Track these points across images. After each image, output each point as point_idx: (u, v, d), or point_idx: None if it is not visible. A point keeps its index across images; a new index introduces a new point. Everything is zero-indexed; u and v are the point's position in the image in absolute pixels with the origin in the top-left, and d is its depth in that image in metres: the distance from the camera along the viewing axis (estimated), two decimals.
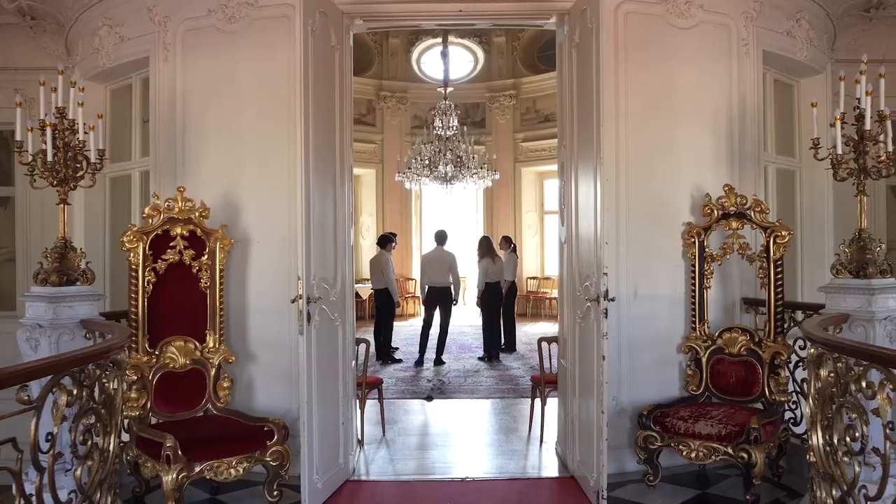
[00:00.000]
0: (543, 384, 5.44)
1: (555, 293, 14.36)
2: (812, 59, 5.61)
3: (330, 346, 4.23)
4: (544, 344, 5.50)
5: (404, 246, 14.85)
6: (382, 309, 9.34)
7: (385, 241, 9.54)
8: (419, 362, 9.00)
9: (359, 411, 5.27)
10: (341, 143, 4.50)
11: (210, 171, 4.77)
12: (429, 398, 7.03)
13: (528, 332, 12.09)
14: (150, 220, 4.21)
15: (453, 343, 10.69)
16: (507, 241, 10.34)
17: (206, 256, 4.34)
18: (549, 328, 12.74)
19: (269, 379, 4.67)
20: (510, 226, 14.46)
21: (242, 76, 4.74)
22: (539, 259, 15.11)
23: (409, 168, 11.48)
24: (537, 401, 5.57)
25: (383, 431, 5.68)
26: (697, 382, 4.56)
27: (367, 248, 14.07)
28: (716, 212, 4.57)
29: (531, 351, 9.94)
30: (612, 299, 3.83)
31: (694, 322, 4.62)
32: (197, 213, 4.33)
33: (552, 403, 5.37)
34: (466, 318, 13.58)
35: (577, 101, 4.40)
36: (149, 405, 4.10)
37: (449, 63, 11.58)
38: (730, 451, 3.93)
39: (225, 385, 4.33)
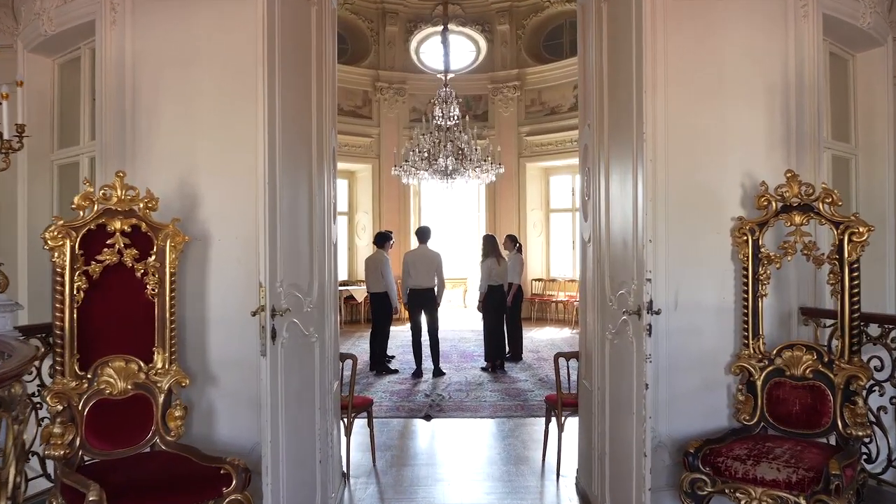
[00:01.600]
0: (560, 407, 4.65)
1: (562, 296, 13.58)
2: (874, 28, 4.82)
3: (304, 368, 3.44)
4: (562, 360, 4.70)
5: (402, 246, 14.05)
6: (378, 314, 8.55)
7: (383, 239, 8.74)
8: (417, 373, 8.21)
9: (344, 439, 4.50)
10: (320, 121, 3.71)
11: (164, 155, 3.97)
12: (427, 417, 6.24)
13: (535, 338, 11.31)
14: (81, 213, 3.41)
15: (453, 350, 9.91)
16: (512, 241, 9.56)
17: (153, 257, 3.53)
18: (556, 334, 11.96)
19: (234, 405, 3.87)
20: (514, 224, 13.68)
21: (202, 42, 3.95)
22: (544, 260, 14.33)
23: (407, 161, 10.65)
24: (552, 425, 4.78)
25: (373, 460, 4.90)
26: (751, 410, 3.76)
27: (364, 247, 13.30)
28: (774, 204, 3.77)
29: (539, 360, 9.16)
30: (658, 312, 3.04)
31: (746, 337, 3.82)
32: (142, 204, 3.53)
33: (570, 427, 4.58)
34: (468, 322, 12.79)
35: (607, 68, 3.62)
36: (78, 441, 3.30)
37: (449, 47, 10.78)
38: (802, 501, 3.14)
39: (177, 414, 3.53)
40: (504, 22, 14.03)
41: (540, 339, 11.38)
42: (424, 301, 8.21)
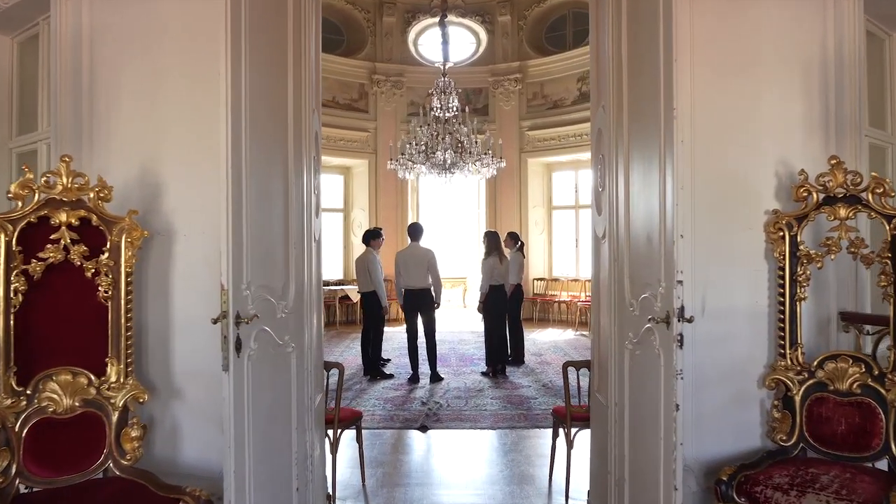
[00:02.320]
0: (570, 422, 4.19)
1: (564, 296, 13.12)
2: None
3: (277, 383, 2.99)
4: (571, 370, 4.24)
5: (400, 244, 13.58)
6: (370, 315, 8.11)
7: (370, 236, 8.29)
8: (413, 378, 7.76)
9: (329, 457, 4.05)
10: (298, 102, 3.26)
11: (124, 140, 3.50)
12: (422, 428, 5.79)
13: (536, 339, 10.86)
14: (20, 203, 2.95)
15: (452, 353, 9.46)
16: (514, 239, 9.10)
17: (106, 254, 3.08)
18: (559, 335, 11.51)
19: (202, 422, 3.40)
20: (515, 222, 13.21)
21: (168, 17, 3.48)
22: (546, 259, 13.88)
23: (403, 154, 10.14)
24: (560, 440, 4.34)
25: (363, 479, 4.44)
26: (788, 429, 3.31)
27: (360, 246, 12.81)
28: (815, 195, 3.32)
29: (542, 364, 8.71)
30: (690, 320, 2.58)
31: (782, 346, 3.37)
32: (92, 194, 3.07)
33: (580, 442, 4.14)
34: (467, 323, 12.34)
35: (627, 43, 3.17)
36: (14, 468, 2.85)
37: (448, 34, 10.28)
38: None
39: (133, 434, 3.08)
40: (505, 13, 13.57)
41: (542, 341, 10.93)
42: (420, 302, 7.76)
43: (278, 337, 2.94)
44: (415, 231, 8.01)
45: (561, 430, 4.37)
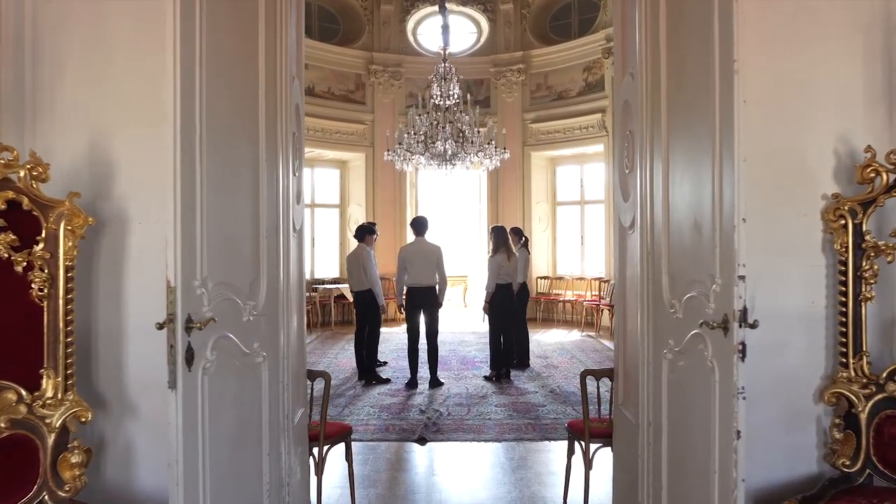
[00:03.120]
0: (588, 439, 3.68)
1: (569, 295, 12.61)
2: None
3: (244, 401, 2.48)
4: (590, 380, 3.72)
5: (399, 240, 13.09)
6: (365, 315, 7.58)
7: (364, 232, 7.75)
8: (411, 383, 7.23)
9: (314, 479, 3.54)
10: (271, 63, 2.75)
11: (70, 111, 3.00)
12: (421, 440, 5.27)
13: (541, 341, 10.34)
14: None
15: (453, 356, 8.95)
16: (518, 235, 8.59)
17: (40, 245, 2.57)
18: (565, 336, 11.00)
19: (161, 442, 2.86)
20: (517, 218, 12.68)
21: None
22: (551, 257, 13.36)
23: (400, 144, 9.58)
24: (576, 458, 3.83)
25: (352, 501, 3.92)
26: (851, 453, 2.79)
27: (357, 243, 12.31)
28: (885, 176, 2.80)
29: (548, 367, 8.21)
30: (755, 325, 2.07)
31: (844, 354, 2.85)
32: (24, 172, 2.56)
33: (599, 462, 3.63)
34: (467, 323, 11.82)
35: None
36: None
37: (448, 17, 9.73)
38: None
39: (74, 460, 2.57)
40: (507, 0, 13.04)
41: (547, 342, 10.42)
42: (424, 300, 7.21)
43: (245, 345, 2.43)
44: (419, 225, 7.40)
45: (577, 447, 3.86)
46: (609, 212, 11.90)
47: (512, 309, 7.68)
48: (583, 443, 3.76)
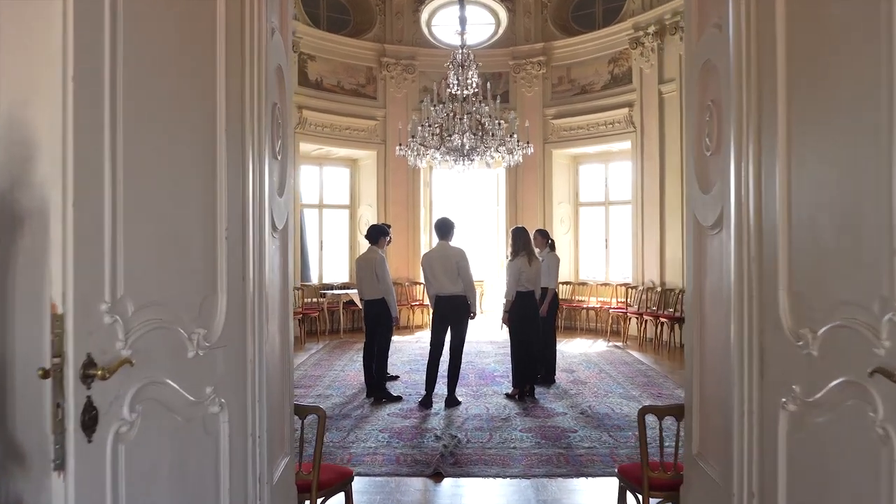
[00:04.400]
0: (647, 492, 2.93)
1: (593, 302, 11.82)
2: None
3: (187, 472, 1.75)
4: (650, 418, 2.96)
5: (411, 243, 12.38)
6: (376, 326, 6.84)
7: (377, 233, 6.98)
8: (426, 402, 6.49)
9: None
10: (234, 4, 2.02)
11: None
12: (437, 474, 4.54)
13: (565, 352, 9.58)
14: None
15: (470, 369, 8.19)
16: (544, 237, 7.85)
17: None
18: (590, 347, 10.22)
19: None
20: (538, 219, 11.94)
21: None
22: (573, 261, 12.58)
23: (413, 137, 8.82)
24: None
25: None
26: None
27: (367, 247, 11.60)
28: None
29: (575, 383, 7.45)
30: None
31: None
32: None
33: None
34: (485, 332, 11.07)
35: None
36: None
37: (465, 6, 8.99)
38: None
39: None
40: None
41: (571, 353, 9.66)
42: (450, 310, 6.44)
43: (190, 391, 1.71)
44: (443, 228, 6.58)
45: (630, 498, 3.12)
46: (638, 213, 11.11)
47: (533, 319, 6.87)
48: (639, 495, 3.01)
